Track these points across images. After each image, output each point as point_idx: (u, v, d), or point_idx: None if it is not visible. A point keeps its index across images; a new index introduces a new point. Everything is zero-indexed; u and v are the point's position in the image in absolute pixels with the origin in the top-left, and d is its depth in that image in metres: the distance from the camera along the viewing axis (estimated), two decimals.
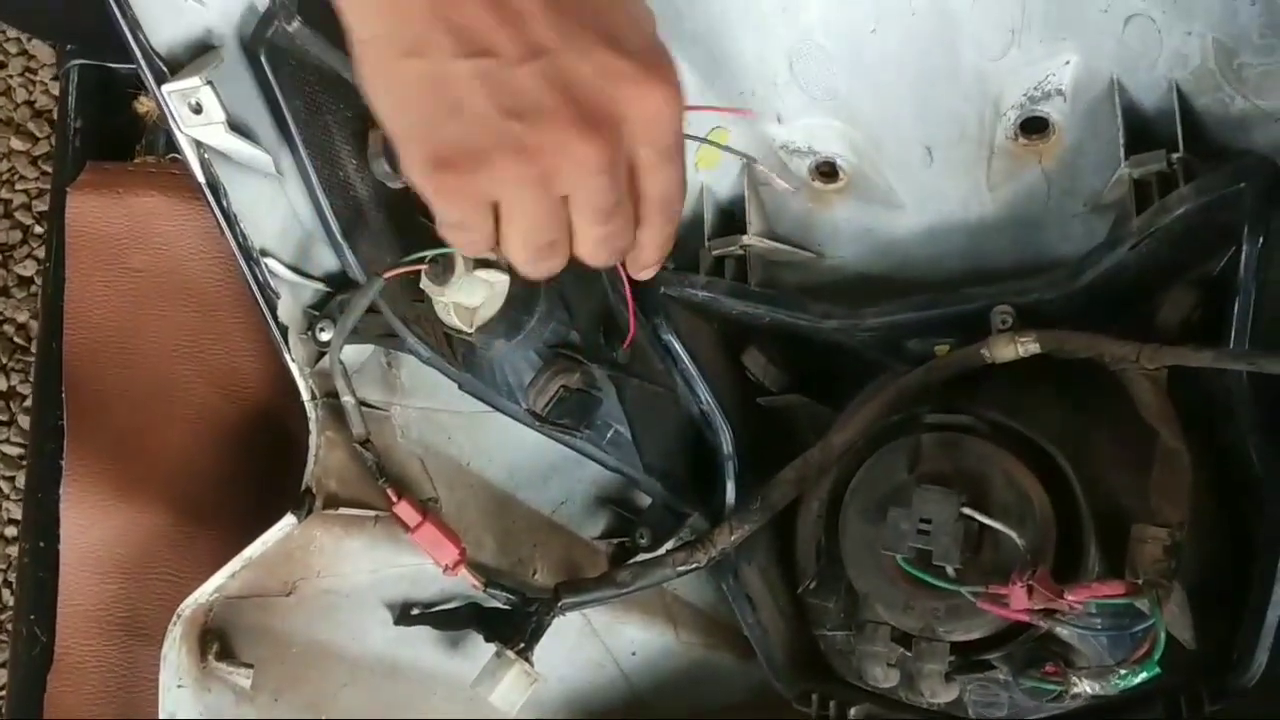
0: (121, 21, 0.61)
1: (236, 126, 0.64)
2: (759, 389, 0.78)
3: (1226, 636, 0.66)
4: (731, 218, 0.77)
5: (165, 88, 0.62)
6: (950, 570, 0.59)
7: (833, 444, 0.70)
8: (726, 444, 0.76)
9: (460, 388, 0.74)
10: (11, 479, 1.36)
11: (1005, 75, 0.68)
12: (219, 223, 0.67)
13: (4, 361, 1.37)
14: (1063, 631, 0.60)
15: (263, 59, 0.64)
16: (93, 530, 0.86)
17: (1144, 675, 0.56)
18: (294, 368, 0.71)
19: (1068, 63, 0.67)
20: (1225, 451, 0.66)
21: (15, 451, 1.35)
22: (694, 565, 0.70)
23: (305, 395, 0.72)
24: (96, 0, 0.60)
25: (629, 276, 0.63)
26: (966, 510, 0.59)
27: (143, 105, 0.99)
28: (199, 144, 0.64)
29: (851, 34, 0.69)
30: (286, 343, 0.71)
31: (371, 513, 0.73)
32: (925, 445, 0.64)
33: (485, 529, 0.80)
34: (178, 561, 0.85)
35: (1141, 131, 0.66)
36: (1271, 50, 0.62)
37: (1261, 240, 0.61)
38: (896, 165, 0.74)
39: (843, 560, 0.66)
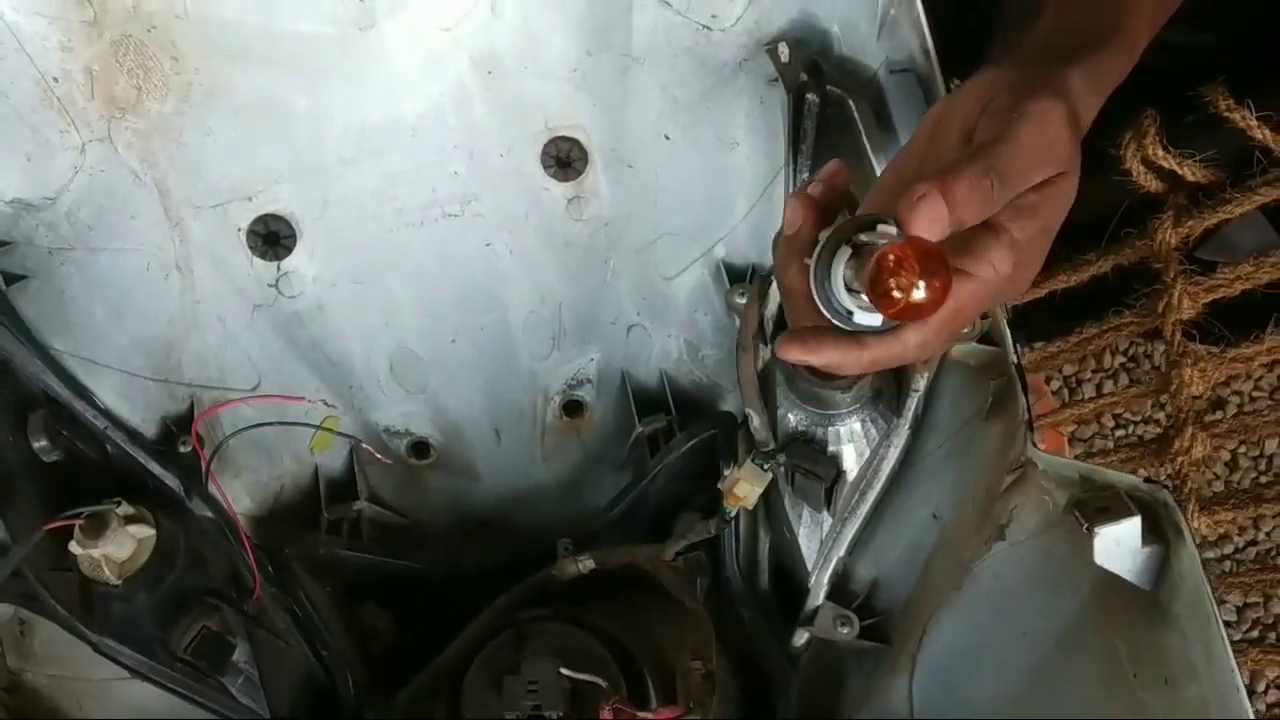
0: None
1: None
2: (376, 636, 0.91)
3: None
4: (345, 487, 0.93)
5: None
6: (556, 718, 0.75)
7: (440, 664, 0.85)
8: (348, 688, 0.87)
9: (95, 650, 0.80)
10: None
11: (550, 371, 0.94)
12: None
13: None
14: None
15: None
16: None
17: None
18: None
19: (592, 359, 0.94)
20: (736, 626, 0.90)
21: None
22: None
23: None
24: None
25: (252, 541, 0.78)
26: (564, 670, 0.77)
27: None
28: None
29: (437, 343, 0.92)
30: None
31: None
32: (525, 633, 0.81)
33: None
34: None
35: (648, 403, 0.93)
36: (720, 345, 0.93)
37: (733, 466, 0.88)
38: (474, 444, 0.95)
39: None
